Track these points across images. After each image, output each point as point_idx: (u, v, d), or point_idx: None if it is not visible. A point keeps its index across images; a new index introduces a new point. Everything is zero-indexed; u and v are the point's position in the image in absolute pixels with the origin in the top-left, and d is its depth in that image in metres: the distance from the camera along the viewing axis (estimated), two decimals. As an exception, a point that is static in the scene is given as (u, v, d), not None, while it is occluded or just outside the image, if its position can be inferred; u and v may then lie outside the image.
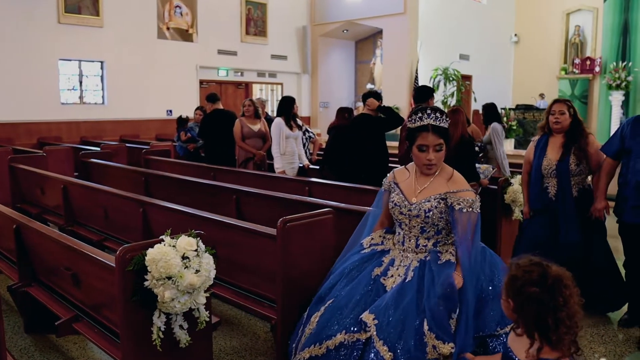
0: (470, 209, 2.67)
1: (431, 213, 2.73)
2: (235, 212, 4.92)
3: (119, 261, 2.52)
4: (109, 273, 2.75)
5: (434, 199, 2.74)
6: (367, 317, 2.59)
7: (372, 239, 3.01)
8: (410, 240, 2.82)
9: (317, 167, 6.90)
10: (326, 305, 2.76)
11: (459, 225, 2.66)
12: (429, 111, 2.74)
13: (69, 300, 3.47)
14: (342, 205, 4.15)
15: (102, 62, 12.17)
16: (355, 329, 2.60)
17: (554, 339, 1.82)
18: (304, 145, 7.28)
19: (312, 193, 5.30)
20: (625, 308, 4.21)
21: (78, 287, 3.27)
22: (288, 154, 6.61)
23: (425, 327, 2.49)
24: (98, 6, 11.82)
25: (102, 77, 12.27)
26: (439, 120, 2.73)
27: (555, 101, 4.35)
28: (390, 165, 6.13)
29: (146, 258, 2.46)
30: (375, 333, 2.53)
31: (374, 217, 3.11)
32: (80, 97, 12.09)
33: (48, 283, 3.76)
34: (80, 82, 12.04)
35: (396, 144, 6.50)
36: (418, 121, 2.74)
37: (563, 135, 4.25)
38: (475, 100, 15.41)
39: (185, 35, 13.50)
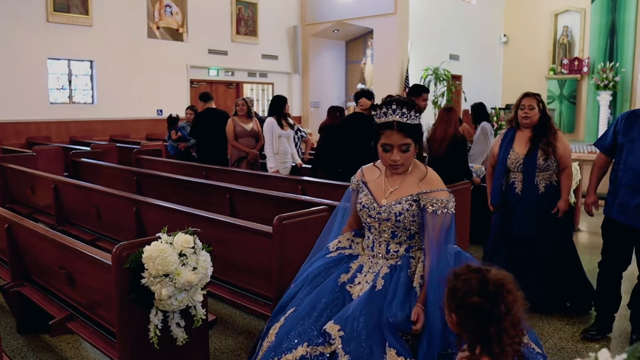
0: (445, 210, 2.40)
1: (402, 217, 2.44)
2: (229, 211, 4.91)
3: (115, 259, 2.51)
4: (105, 271, 2.74)
5: (405, 201, 2.45)
6: (331, 327, 2.31)
7: (340, 242, 2.69)
8: (380, 246, 2.54)
9: (310, 166, 6.90)
10: (286, 315, 2.45)
11: (432, 229, 2.39)
12: (394, 106, 2.39)
13: (62, 299, 3.45)
14: (337, 203, 4.15)
15: (91, 62, 12.09)
16: (319, 341, 2.31)
17: (497, 351, 1.64)
18: (296, 144, 7.28)
19: (305, 192, 5.31)
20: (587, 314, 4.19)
21: (72, 286, 3.25)
22: (281, 153, 6.61)
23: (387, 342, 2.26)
24: (87, 5, 11.73)
25: (91, 76, 12.18)
26: (406, 116, 2.39)
27: (525, 95, 4.25)
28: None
29: (143, 255, 2.46)
30: (340, 346, 2.25)
31: (342, 217, 2.82)
32: (70, 97, 11.99)
33: (41, 282, 3.73)
34: (70, 82, 11.95)
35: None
36: (382, 117, 2.42)
37: (531, 130, 4.20)
38: (465, 100, 15.48)
39: (175, 34, 13.44)
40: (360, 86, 16.58)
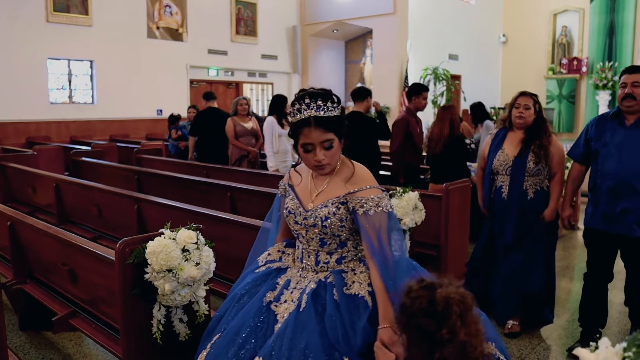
0: (379, 208, 2.11)
1: (329, 221, 2.16)
2: (230, 209, 4.93)
3: (118, 254, 2.52)
4: (108, 267, 2.76)
5: (332, 204, 2.18)
6: None
7: (269, 254, 2.42)
8: (309, 256, 2.25)
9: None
10: (212, 341, 2.19)
11: (368, 231, 2.09)
12: (307, 100, 2.13)
13: (65, 296, 3.47)
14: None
15: (91, 61, 12.11)
16: None
17: None
18: (295, 143, 7.31)
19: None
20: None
21: (75, 283, 3.27)
22: (281, 152, 6.63)
23: None
24: (87, 5, 11.76)
25: (91, 76, 12.20)
26: (323, 109, 2.12)
27: (521, 94, 3.94)
28: (382, 163, 6.19)
29: (146, 251, 2.47)
30: None
31: (277, 226, 2.52)
32: (70, 97, 12.02)
33: (44, 280, 3.75)
34: (70, 82, 11.97)
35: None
36: (297, 114, 2.14)
37: (524, 132, 3.89)
38: (464, 99, 15.50)
39: (175, 34, 13.47)
40: (359, 85, 16.61)
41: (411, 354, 1.51)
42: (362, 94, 5.83)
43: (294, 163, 6.88)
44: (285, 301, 2.16)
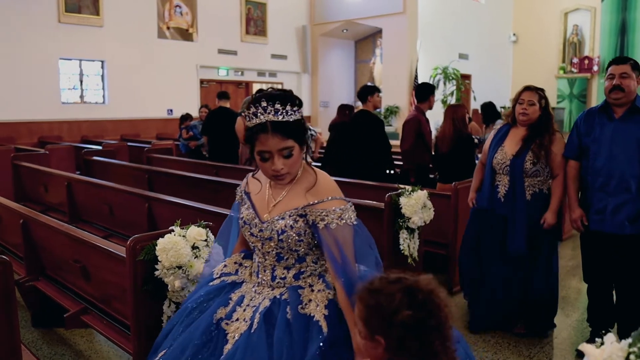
0: (342, 221, 1.93)
1: (285, 235, 1.98)
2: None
3: (129, 251, 2.56)
4: (119, 264, 2.80)
5: (289, 216, 1.99)
6: None
7: (225, 266, 2.22)
8: (265, 271, 2.07)
9: (319, 165, 6.95)
10: (157, 358, 2.04)
11: (331, 247, 1.92)
12: (264, 102, 1.92)
13: (77, 293, 3.51)
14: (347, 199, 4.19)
15: (102, 62, 12.20)
16: None
17: None
18: (305, 142, 7.32)
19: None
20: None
21: (87, 280, 3.31)
22: (290, 151, 6.65)
23: None
24: (98, 5, 11.85)
25: (102, 76, 12.30)
26: (282, 113, 1.91)
27: (526, 89, 3.73)
28: (395, 162, 6.19)
29: (157, 248, 2.51)
30: None
31: (237, 233, 2.31)
32: (81, 97, 12.12)
33: (56, 277, 3.80)
34: (81, 82, 12.07)
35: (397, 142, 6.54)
36: (253, 118, 1.94)
37: (527, 128, 3.68)
38: (474, 99, 15.47)
39: (185, 34, 13.54)
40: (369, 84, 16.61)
41: (402, 355, 1.40)
42: (365, 92, 5.83)
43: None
44: (237, 319, 1.99)
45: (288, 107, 1.93)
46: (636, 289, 3.38)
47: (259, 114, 1.92)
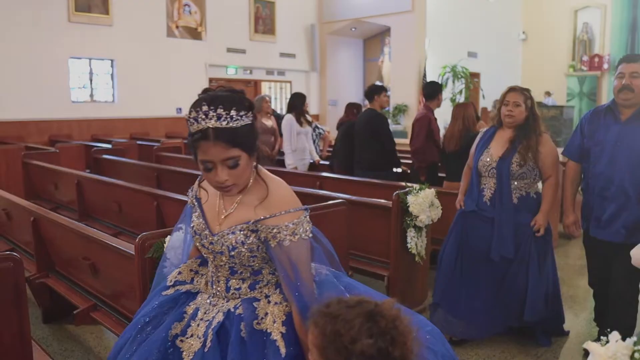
0: (295, 237, 1.74)
1: (237, 251, 1.80)
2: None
3: (138, 249, 2.59)
4: (128, 261, 2.82)
5: (240, 231, 1.80)
6: None
7: (180, 273, 2.03)
8: (219, 282, 1.90)
9: (327, 163, 6.96)
10: None
11: (284, 266, 1.75)
12: (205, 106, 1.70)
13: (86, 290, 3.55)
14: (354, 197, 4.21)
15: (112, 60, 12.27)
16: None
17: None
18: (313, 141, 7.34)
19: (323, 187, 5.36)
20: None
21: (96, 277, 3.35)
22: (299, 150, 6.67)
23: None
24: (108, 5, 11.91)
25: (112, 75, 12.36)
26: (226, 118, 1.70)
27: (510, 90, 3.61)
28: (402, 161, 6.19)
29: (165, 245, 2.52)
30: None
31: (189, 237, 2.09)
32: (91, 96, 12.19)
33: (65, 274, 3.84)
34: (91, 80, 12.14)
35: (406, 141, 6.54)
36: (193, 123, 1.73)
37: (513, 130, 3.56)
38: (483, 97, 15.42)
39: (194, 33, 13.58)
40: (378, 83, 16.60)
41: None
42: (372, 91, 5.85)
43: (312, 161, 6.92)
44: (192, 335, 1.83)
45: (233, 112, 1.70)
46: (628, 298, 3.24)
47: (199, 119, 1.71)
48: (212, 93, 1.79)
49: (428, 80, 13.91)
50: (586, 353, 3.48)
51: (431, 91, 5.90)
